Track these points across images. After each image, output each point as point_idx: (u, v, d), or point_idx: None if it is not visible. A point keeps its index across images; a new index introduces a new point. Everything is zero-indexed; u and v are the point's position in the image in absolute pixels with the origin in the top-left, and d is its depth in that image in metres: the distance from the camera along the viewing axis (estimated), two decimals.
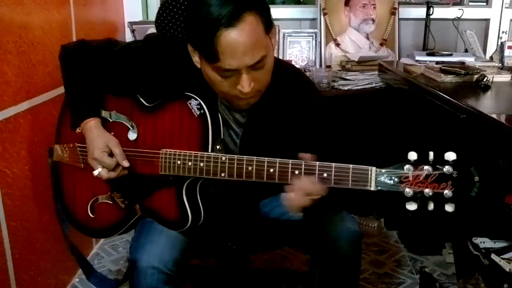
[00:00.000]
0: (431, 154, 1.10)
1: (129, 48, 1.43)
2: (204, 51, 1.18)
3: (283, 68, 1.38)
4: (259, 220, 1.53)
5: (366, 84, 2.65)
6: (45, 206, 1.83)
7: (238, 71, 1.17)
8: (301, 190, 1.16)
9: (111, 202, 1.42)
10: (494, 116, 1.55)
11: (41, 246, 1.84)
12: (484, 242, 1.83)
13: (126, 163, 1.32)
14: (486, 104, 1.85)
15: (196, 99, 1.29)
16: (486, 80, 1.93)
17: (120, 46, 1.43)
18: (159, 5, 2.92)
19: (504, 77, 2.09)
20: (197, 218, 1.33)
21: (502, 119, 1.56)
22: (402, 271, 2.26)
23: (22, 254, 1.70)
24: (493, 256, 1.74)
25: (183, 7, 1.72)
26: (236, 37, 1.13)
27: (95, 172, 1.33)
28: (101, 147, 1.32)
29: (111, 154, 1.33)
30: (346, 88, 2.61)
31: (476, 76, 1.98)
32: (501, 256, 1.73)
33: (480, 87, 1.92)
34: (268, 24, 1.20)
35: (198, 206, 1.33)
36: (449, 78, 2.04)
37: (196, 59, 1.25)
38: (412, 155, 1.11)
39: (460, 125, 1.68)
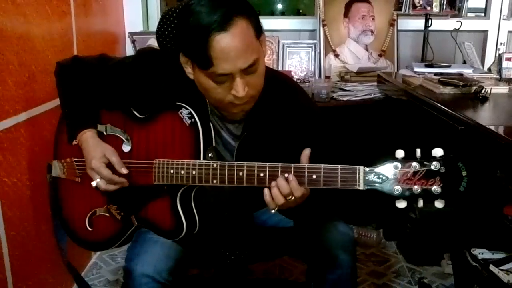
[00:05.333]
0: (418, 151, 1.10)
1: (122, 63, 1.45)
2: (197, 58, 1.20)
3: (278, 79, 1.40)
4: (256, 229, 1.54)
5: (365, 95, 2.66)
6: (44, 216, 1.83)
7: (232, 75, 1.18)
8: (277, 188, 1.17)
9: (107, 215, 1.43)
10: (492, 127, 1.56)
11: (40, 256, 1.84)
12: (482, 253, 1.83)
13: (124, 170, 1.33)
14: (484, 116, 1.86)
15: (187, 109, 1.31)
16: (484, 91, 1.94)
17: (113, 62, 1.45)
18: (159, 16, 2.96)
19: (502, 89, 2.09)
20: (192, 226, 1.34)
21: (500, 130, 1.56)
22: (401, 281, 2.26)
23: (20, 264, 1.70)
24: (491, 267, 1.74)
25: None
26: (229, 41, 1.14)
27: (94, 183, 1.34)
28: (99, 157, 1.34)
29: (110, 165, 1.34)
30: (345, 99, 2.62)
31: (474, 88, 1.99)
32: (500, 267, 1.73)
33: (478, 98, 1.93)
34: (258, 29, 1.22)
35: (193, 214, 1.34)
36: (447, 90, 2.05)
37: (189, 70, 1.27)
38: (400, 153, 1.11)
39: (458, 136, 1.69)
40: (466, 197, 1.08)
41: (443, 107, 1.82)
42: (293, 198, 1.17)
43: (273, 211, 1.20)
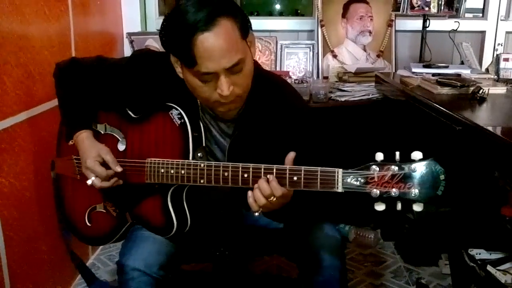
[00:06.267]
0: (397, 154, 1.09)
1: (117, 65, 1.48)
2: (182, 57, 1.22)
3: (270, 80, 1.42)
4: (245, 228, 1.56)
5: (363, 95, 2.66)
6: (42, 217, 1.83)
7: (217, 74, 1.20)
8: (258, 189, 1.17)
9: (104, 211, 1.48)
10: (489, 128, 1.56)
11: (38, 256, 1.84)
12: (480, 254, 1.84)
13: (118, 168, 1.36)
14: (482, 116, 1.86)
15: (177, 109, 1.34)
16: (482, 92, 1.94)
17: (109, 64, 1.49)
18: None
19: (499, 89, 2.10)
20: (183, 224, 1.37)
21: (498, 131, 1.57)
22: (399, 282, 2.26)
23: (18, 265, 1.70)
24: (489, 267, 1.74)
25: None
26: (212, 41, 1.16)
27: (89, 182, 1.38)
28: (94, 156, 1.37)
29: (104, 164, 1.37)
30: (343, 99, 2.62)
31: (472, 88, 1.99)
32: (497, 268, 1.74)
33: (476, 99, 1.94)
34: (244, 30, 1.23)
35: (184, 212, 1.37)
36: (445, 90, 2.05)
37: (178, 69, 1.29)
38: (379, 156, 1.10)
39: (456, 137, 1.69)
40: (444, 201, 1.08)
41: (441, 108, 1.82)
42: (274, 199, 1.17)
43: (256, 213, 1.20)
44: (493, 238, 1.85)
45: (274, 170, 1.18)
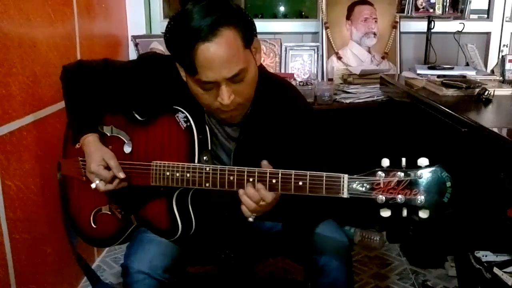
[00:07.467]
0: (404, 160, 1.08)
1: (123, 68, 1.48)
2: (184, 64, 1.23)
3: (276, 83, 1.42)
4: (251, 231, 1.56)
5: (368, 97, 2.66)
6: (48, 219, 1.84)
7: (218, 83, 1.20)
8: (246, 195, 1.19)
9: (110, 213, 1.49)
10: (495, 130, 1.56)
11: (44, 258, 1.85)
12: (486, 256, 1.83)
13: (121, 175, 1.36)
14: (488, 118, 1.85)
15: (183, 112, 1.34)
16: (487, 93, 1.94)
17: (115, 67, 1.49)
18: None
19: (505, 91, 2.09)
20: (188, 227, 1.37)
21: (504, 133, 1.56)
22: (404, 284, 2.25)
23: (24, 267, 1.70)
24: (495, 269, 1.73)
25: None
26: (213, 51, 1.16)
27: (93, 185, 1.39)
28: (98, 161, 1.37)
29: (108, 168, 1.37)
30: (348, 101, 2.62)
31: (477, 90, 1.99)
32: (504, 270, 1.73)
33: (482, 100, 1.93)
34: (248, 39, 1.23)
35: (189, 215, 1.37)
36: (450, 92, 2.04)
37: (183, 73, 1.30)
38: (385, 162, 1.09)
39: (461, 138, 1.69)
40: (451, 208, 1.07)
41: (446, 109, 1.82)
42: (264, 203, 1.19)
43: (250, 219, 1.22)
44: (499, 240, 1.84)
45: (280, 175, 1.18)
